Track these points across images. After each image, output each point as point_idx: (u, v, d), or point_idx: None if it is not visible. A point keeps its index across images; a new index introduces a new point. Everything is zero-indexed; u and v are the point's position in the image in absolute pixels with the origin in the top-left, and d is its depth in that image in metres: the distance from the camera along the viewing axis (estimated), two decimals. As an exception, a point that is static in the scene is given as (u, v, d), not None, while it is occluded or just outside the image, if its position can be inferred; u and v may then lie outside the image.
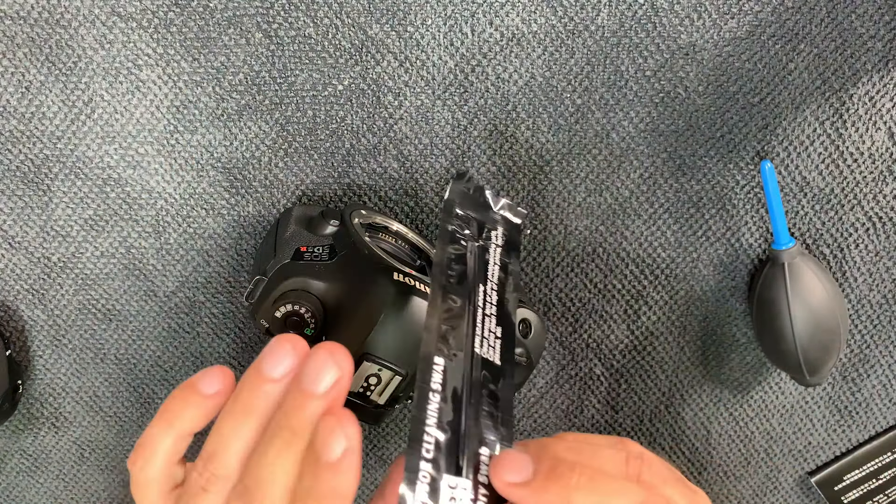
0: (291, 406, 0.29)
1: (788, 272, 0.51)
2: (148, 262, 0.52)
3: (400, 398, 0.45)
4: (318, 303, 0.42)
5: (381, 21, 0.47)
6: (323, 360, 0.29)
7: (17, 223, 0.51)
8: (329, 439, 0.28)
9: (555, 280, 0.54)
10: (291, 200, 0.51)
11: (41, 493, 0.59)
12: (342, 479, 0.28)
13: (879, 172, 0.52)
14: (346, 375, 0.29)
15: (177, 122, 0.49)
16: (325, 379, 0.29)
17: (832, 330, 0.51)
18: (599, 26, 0.48)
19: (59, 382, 0.56)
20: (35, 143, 0.49)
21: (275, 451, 0.28)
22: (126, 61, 0.48)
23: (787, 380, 0.58)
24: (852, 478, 0.61)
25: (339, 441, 0.28)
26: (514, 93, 0.49)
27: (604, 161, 0.51)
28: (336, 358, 0.29)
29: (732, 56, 0.49)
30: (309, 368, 0.29)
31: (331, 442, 0.28)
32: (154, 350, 0.55)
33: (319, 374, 0.29)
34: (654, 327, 0.56)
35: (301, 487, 0.28)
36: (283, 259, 0.43)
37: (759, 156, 0.51)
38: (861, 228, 0.54)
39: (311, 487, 0.28)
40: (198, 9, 0.47)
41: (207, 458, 0.30)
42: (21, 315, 0.54)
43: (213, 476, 0.29)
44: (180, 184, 0.51)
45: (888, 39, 0.49)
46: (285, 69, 0.48)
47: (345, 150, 0.50)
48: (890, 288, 0.55)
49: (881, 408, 0.60)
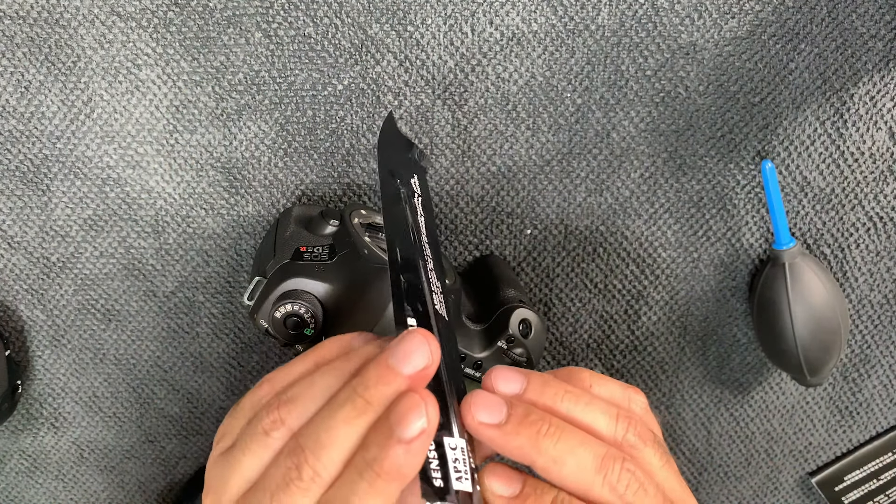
0: (373, 378, 0.28)
1: (789, 272, 0.51)
2: (147, 262, 0.52)
3: (400, 398, 0.45)
4: (318, 303, 0.42)
5: (381, 21, 0.47)
6: (418, 343, 0.28)
7: (17, 223, 0.51)
8: (409, 415, 0.27)
9: (555, 280, 0.54)
10: (291, 200, 0.51)
11: (41, 493, 0.59)
12: (410, 459, 0.27)
13: (880, 172, 0.52)
14: (433, 366, 0.29)
15: (176, 122, 0.49)
16: (415, 362, 0.28)
17: (833, 330, 0.51)
18: (600, 26, 0.48)
19: (59, 382, 0.56)
20: (34, 143, 0.49)
21: (343, 417, 0.27)
22: (125, 61, 0.47)
23: (788, 380, 0.58)
24: (853, 478, 0.61)
25: (419, 419, 0.27)
26: (514, 93, 0.49)
27: (604, 161, 0.51)
28: (431, 346, 0.28)
29: (733, 56, 0.49)
30: (400, 348, 0.28)
31: (410, 418, 0.27)
32: (154, 350, 0.55)
33: (411, 355, 0.28)
34: (654, 327, 0.56)
35: (362, 458, 0.27)
36: (282, 259, 0.43)
37: (760, 155, 0.51)
38: (862, 228, 0.54)
39: (375, 460, 0.27)
40: (197, 8, 0.47)
41: (286, 400, 0.29)
42: (20, 315, 0.54)
43: (278, 420, 0.28)
44: (180, 184, 0.50)
45: (889, 39, 0.49)
46: (285, 69, 0.48)
47: (345, 150, 0.50)
48: (891, 288, 0.55)
49: (882, 408, 0.60)
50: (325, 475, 0.27)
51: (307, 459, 0.27)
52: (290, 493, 0.27)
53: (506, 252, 0.53)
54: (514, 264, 0.54)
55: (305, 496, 0.27)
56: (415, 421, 0.27)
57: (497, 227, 0.53)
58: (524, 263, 0.54)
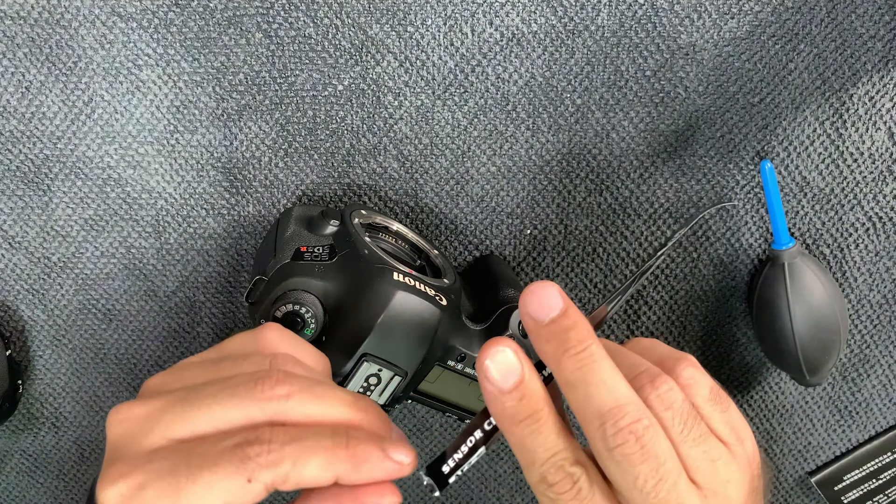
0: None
1: (788, 272, 0.51)
2: (148, 262, 0.52)
3: (400, 398, 0.45)
4: (318, 303, 0.42)
5: (381, 21, 0.47)
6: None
7: (17, 223, 0.51)
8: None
9: (555, 280, 0.54)
10: (291, 200, 0.51)
11: (41, 493, 0.59)
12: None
13: (879, 172, 0.52)
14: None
15: (177, 122, 0.49)
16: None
17: (832, 330, 0.51)
18: (599, 26, 0.48)
19: (59, 382, 0.56)
20: (35, 143, 0.49)
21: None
22: (126, 61, 0.48)
23: (787, 380, 0.58)
24: (852, 478, 0.61)
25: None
26: (514, 93, 0.49)
27: (604, 161, 0.51)
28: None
29: (732, 56, 0.49)
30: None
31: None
32: (154, 350, 0.55)
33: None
34: (654, 327, 0.56)
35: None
36: (283, 259, 0.43)
37: (759, 156, 0.51)
38: (861, 228, 0.54)
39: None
40: (198, 9, 0.47)
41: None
42: (21, 315, 0.54)
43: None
44: (180, 184, 0.51)
45: (888, 39, 0.49)
46: (285, 69, 0.48)
47: (345, 150, 0.50)
48: (890, 288, 0.55)
49: (881, 408, 0.60)
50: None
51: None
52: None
53: (506, 252, 0.53)
54: (514, 264, 0.54)
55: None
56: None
57: (497, 227, 0.53)
58: (524, 263, 0.54)
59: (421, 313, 0.41)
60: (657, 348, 0.33)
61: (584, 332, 0.29)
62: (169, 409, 0.29)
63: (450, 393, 0.47)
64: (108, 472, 0.28)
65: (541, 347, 0.30)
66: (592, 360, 0.29)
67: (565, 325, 0.29)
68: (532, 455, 0.29)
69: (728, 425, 0.31)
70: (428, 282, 0.43)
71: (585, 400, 0.29)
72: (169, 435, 0.28)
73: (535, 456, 0.29)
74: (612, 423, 0.28)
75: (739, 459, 0.30)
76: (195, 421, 0.28)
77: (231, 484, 0.27)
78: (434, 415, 0.58)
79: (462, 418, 0.49)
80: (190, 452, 0.27)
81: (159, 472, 0.27)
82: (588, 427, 0.29)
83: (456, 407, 0.48)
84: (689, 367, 0.31)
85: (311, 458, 0.27)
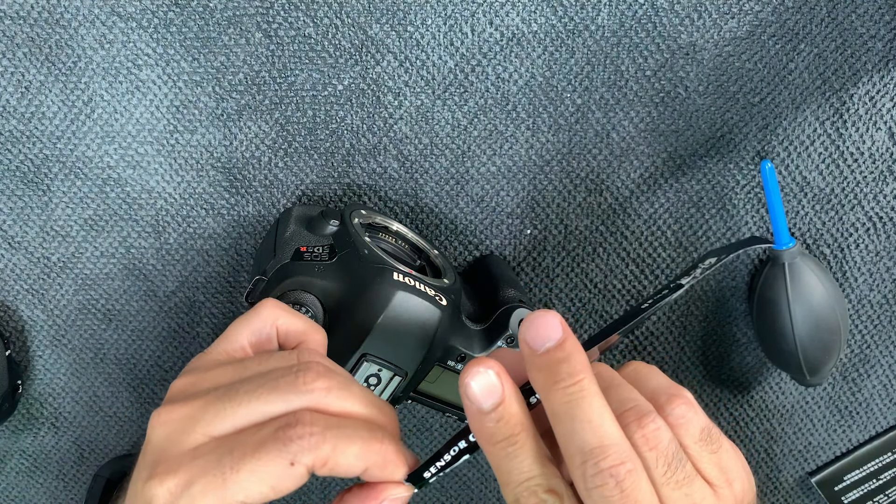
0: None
1: (789, 272, 0.51)
2: (148, 262, 0.52)
3: (400, 398, 0.45)
4: (318, 303, 0.42)
5: (381, 21, 0.47)
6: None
7: (17, 223, 0.51)
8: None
9: (555, 280, 0.54)
10: (291, 200, 0.51)
11: (41, 493, 0.59)
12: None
13: (880, 172, 0.52)
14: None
15: (177, 122, 0.49)
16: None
17: (832, 330, 0.51)
18: (599, 26, 0.48)
19: (59, 382, 0.56)
20: (35, 143, 0.49)
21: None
22: (126, 61, 0.47)
23: (788, 380, 0.58)
24: (853, 478, 0.61)
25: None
26: (514, 93, 0.49)
27: (604, 161, 0.51)
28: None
29: (733, 56, 0.49)
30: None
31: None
32: (154, 350, 0.55)
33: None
34: (654, 327, 0.56)
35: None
36: (283, 259, 0.43)
37: (760, 156, 0.51)
38: (861, 228, 0.54)
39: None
40: (198, 9, 0.47)
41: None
42: (21, 315, 0.54)
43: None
44: (180, 184, 0.50)
45: (888, 39, 0.49)
46: (285, 69, 0.48)
47: (345, 150, 0.50)
48: (890, 288, 0.55)
49: (881, 408, 0.60)
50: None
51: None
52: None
53: (506, 252, 0.53)
54: (514, 264, 0.54)
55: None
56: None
57: (497, 227, 0.53)
58: (524, 263, 0.54)
59: (421, 313, 0.41)
60: (653, 379, 0.32)
61: (577, 366, 0.29)
62: (210, 407, 0.30)
63: (450, 393, 0.47)
64: (156, 472, 0.29)
65: (533, 376, 0.30)
66: (581, 396, 0.29)
67: (559, 357, 0.29)
68: (507, 476, 0.30)
69: (717, 466, 0.30)
70: (428, 282, 0.43)
71: (570, 435, 0.29)
72: (210, 432, 0.29)
73: (510, 478, 0.29)
74: (594, 462, 0.28)
75: (725, 502, 0.30)
76: (236, 416, 0.29)
77: (275, 468, 0.28)
78: (434, 415, 0.58)
79: (462, 418, 0.49)
80: (233, 444, 0.29)
81: (204, 467, 0.28)
82: (570, 462, 0.29)
83: (456, 407, 0.48)
84: (681, 405, 0.30)
85: (350, 446, 0.29)
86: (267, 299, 0.36)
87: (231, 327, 0.35)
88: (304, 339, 0.36)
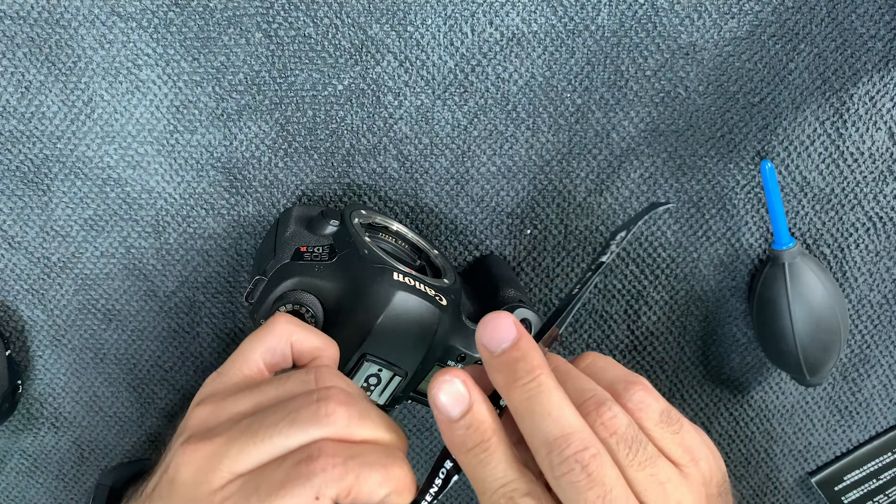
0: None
1: (789, 272, 0.51)
2: (148, 262, 0.52)
3: (400, 398, 0.45)
4: (318, 303, 0.42)
5: (381, 21, 0.47)
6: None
7: (17, 223, 0.51)
8: None
9: (555, 280, 0.54)
10: (291, 200, 0.51)
11: (41, 493, 0.59)
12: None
13: (880, 172, 0.52)
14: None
15: (177, 122, 0.49)
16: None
17: (832, 330, 0.51)
18: (599, 26, 0.48)
19: (59, 382, 0.56)
20: (35, 143, 0.49)
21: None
22: (126, 61, 0.47)
23: (788, 380, 0.58)
24: (853, 478, 0.61)
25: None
26: (514, 93, 0.49)
27: (604, 161, 0.51)
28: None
29: (733, 56, 0.49)
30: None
31: None
32: (154, 350, 0.55)
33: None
34: (654, 327, 0.56)
35: None
36: (283, 259, 0.43)
37: (760, 156, 0.51)
38: (861, 228, 0.54)
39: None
40: (198, 9, 0.47)
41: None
42: (21, 315, 0.54)
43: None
44: (180, 184, 0.50)
45: (888, 39, 0.49)
46: (285, 69, 0.48)
47: (345, 150, 0.50)
48: (890, 288, 0.55)
49: (881, 408, 0.60)
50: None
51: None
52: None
53: (506, 252, 0.53)
54: (514, 264, 0.54)
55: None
56: None
57: (497, 227, 0.53)
58: (524, 263, 0.54)
59: (421, 313, 0.41)
60: (610, 371, 0.33)
61: (534, 363, 0.30)
62: (233, 444, 0.30)
63: (450, 393, 0.47)
64: None
65: (493, 377, 0.31)
66: (540, 391, 0.29)
67: (515, 357, 0.30)
68: (482, 484, 0.30)
69: (680, 447, 0.31)
70: (428, 282, 0.43)
71: (533, 429, 0.29)
72: (235, 469, 0.30)
73: (485, 485, 0.30)
74: (558, 451, 0.28)
75: (691, 479, 0.31)
76: (259, 453, 0.30)
77: (300, 503, 0.28)
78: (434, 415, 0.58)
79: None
80: (258, 482, 0.29)
81: None
82: (537, 456, 0.29)
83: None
84: (638, 392, 0.31)
85: (373, 474, 0.29)
86: (279, 314, 0.36)
87: (245, 345, 0.35)
88: (319, 354, 0.36)
